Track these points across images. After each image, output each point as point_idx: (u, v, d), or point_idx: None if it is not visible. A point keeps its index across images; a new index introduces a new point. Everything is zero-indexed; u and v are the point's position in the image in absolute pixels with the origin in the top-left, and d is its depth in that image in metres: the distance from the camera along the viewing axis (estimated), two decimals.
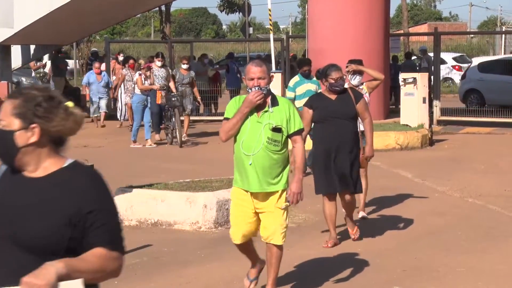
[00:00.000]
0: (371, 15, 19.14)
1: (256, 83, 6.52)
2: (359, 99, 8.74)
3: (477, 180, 13.30)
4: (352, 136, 8.71)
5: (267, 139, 6.53)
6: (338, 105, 8.66)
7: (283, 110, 6.60)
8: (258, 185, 6.62)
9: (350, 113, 8.66)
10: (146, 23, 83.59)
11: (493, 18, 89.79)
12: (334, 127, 8.61)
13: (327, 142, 8.64)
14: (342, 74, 8.75)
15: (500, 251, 8.78)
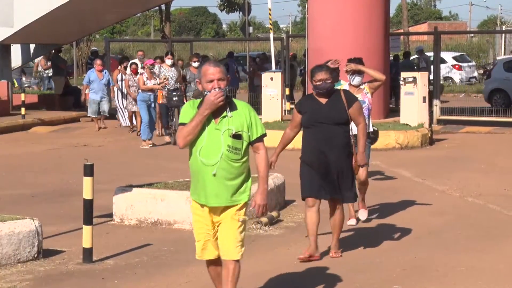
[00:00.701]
0: (371, 14, 19.13)
1: (216, 84, 5.93)
2: (352, 102, 8.22)
3: (477, 179, 13.30)
4: (344, 142, 8.18)
5: (227, 147, 5.92)
6: (327, 109, 8.16)
7: (243, 115, 6.00)
8: (216, 199, 5.99)
9: (340, 118, 8.15)
10: (146, 22, 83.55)
11: (493, 17, 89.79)
12: (322, 133, 8.12)
13: (315, 149, 8.14)
14: (328, 76, 8.14)
15: (500, 251, 8.79)
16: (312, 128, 8.17)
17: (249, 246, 8.95)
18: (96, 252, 8.29)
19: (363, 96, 9.80)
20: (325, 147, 8.10)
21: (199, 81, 6.03)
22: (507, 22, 69.72)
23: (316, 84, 8.15)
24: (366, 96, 9.84)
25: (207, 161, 5.92)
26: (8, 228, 8.11)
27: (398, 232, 9.65)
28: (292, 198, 11.20)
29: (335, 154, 8.11)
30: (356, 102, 8.27)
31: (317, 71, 8.19)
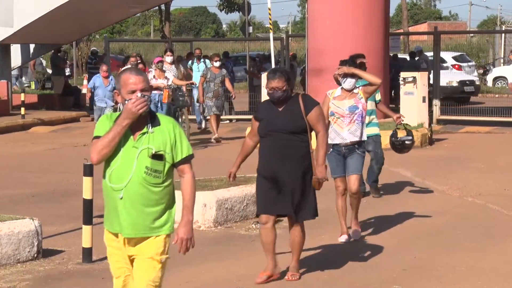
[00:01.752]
0: (370, 14, 19.12)
1: (140, 93, 5.09)
2: (310, 108, 7.39)
3: (476, 179, 13.30)
4: (301, 153, 7.39)
5: (145, 168, 5.08)
6: (283, 117, 7.39)
7: (166, 132, 5.14)
8: (131, 228, 5.10)
9: (296, 126, 7.35)
10: (145, 22, 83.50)
11: (492, 17, 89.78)
12: (278, 143, 7.37)
13: (269, 160, 7.40)
14: (281, 84, 7.32)
15: (499, 250, 8.79)
16: (267, 138, 7.44)
17: (249, 246, 8.97)
18: (96, 252, 8.29)
19: (356, 101, 9.04)
20: (280, 158, 7.36)
21: (118, 92, 5.19)
22: (507, 22, 69.70)
23: (268, 92, 7.43)
24: (360, 102, 9.05)
25: (120, 184, 5.08)
26: (7, 228, 8.11)
27: (398, 232, 9.65)
28: None
29: (291, 166, 7.37)
30: (315, 108, 7.43)
31: (270, 77, 7.40)
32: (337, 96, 9.15)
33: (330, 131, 8.83)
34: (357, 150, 9.04)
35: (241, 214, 10.05)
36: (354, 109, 8.99)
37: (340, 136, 9.04)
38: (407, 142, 10.85)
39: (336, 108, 9.06)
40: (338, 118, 9.03)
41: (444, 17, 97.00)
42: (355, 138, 8.99)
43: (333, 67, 18.85)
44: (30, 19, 23.88)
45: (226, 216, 9.85)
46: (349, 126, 8.99)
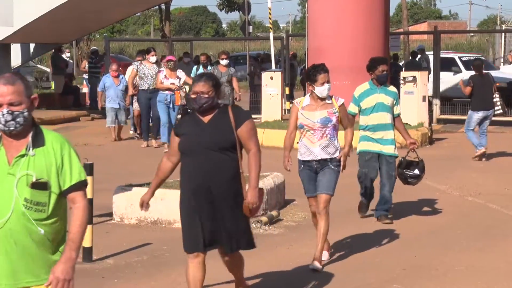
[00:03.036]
0: (371, 13, 19.13)
1: (6, 109, 4.25)
2: (241, 121, 6.21)
3: (476, 178, 13.31)
4: (231, 174, 6.21)
5: (23, 201, 4.13)
6: (208, 131, 6.21)
7: (51, 153, 4.24)
8: (10, 276, 4.17)
9: (224, 141, 6.19)
10: (146, 21, 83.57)
11: (493, 16, 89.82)
12: (202, 162, 6.19)
13: (193, 183, 6.22)
14: (206, 88, 6.21)
15: (499, 250, 8.79)
16: (190, 156, 6.24)
17: None
18: (96, 252, 8.29)
19: (329, 113, 7.95)
20: (206, 180, 6.18)
21: None
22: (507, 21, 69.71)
23: (191, 97, 6.32)
24: (334, 115, 7.94)
25: None
26: None
27: (397, 231, 9.65)
28: (292, 198, 11.21)
29: (219, 189, 6.20)
30: (247, 121, 6.24)
31: (196, 80, 6.38)
32: (307, 106, 8.02)
33: (300, 146, 8.02)
34: (330, 165, 7.97)
35: None
36: (327, 121, 7.91)
37: (310, 152, 7.99)
38: (410, 180, 10.23)
39: (306, 120, 7.97)
40: (308, 131, 7.97)
41: (444, 17, 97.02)
42: (327, 155, 7.95)
43: (333, 67, 18.94)
44: (30, 19, 23.87)
45: None
46: (320, 141, 7.93)
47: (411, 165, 10.18)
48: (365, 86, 9.95)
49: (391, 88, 9.98)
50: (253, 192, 6.25)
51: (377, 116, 9.79)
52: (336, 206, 11.02)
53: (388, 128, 9.80)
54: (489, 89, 15.17)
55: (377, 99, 9.78)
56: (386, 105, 9.79)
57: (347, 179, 12.09)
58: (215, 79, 6.36)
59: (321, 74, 8.04)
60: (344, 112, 8.12)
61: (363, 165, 9.90)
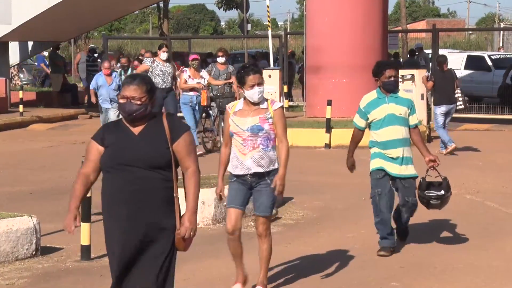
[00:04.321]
0: (369, 11, 19.14)
1: None
2: (178, 134, 5.19)
3: (475, 176, 13.30)
4: (163, 197, 5.18)
5: None
6: (140, 144, 5.13)
7: None
8: None
9: (158, 158, 5.14)
10: (144, 19, 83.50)
11: (491, 14, 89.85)
12: (130, 182, 5.10)
13: (118, 208, 5.14)
14: (139, 93, 5.14)
15: (497, 248, 8.80)
16: (113, 174, 5.15)
17: (248, 244, 8.96)
18: (94, 250, 8.29)
19: (261, 120, 6.86)
20: (133, 204, 5.13)
21: None
22: (505, 19, 69.75)
23: (120, 103, 5.21)
24: (266, 121, 6.86)
25: None
26: (6, 225, 8.11)
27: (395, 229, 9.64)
28: (290, 196, 11.20)
29: (148, 216, 5.14)
30: (185, 134, 5.19)
31: (126, 83, 5.24)
32: (239, 111, 6.95)
33: (232, 158, 6.97)
34: (268, 180, 6.91)
35: None
36: (257, 130, 6.84)
37: (242, 165, 6.90)
38: (432, 203, 8.64)
39: (235, 127, 6.90)
40: (238, 140, 6.92)
41: (443, 15, 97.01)
42: (260, 168, 6.86)
43: (331, 65, 19.00)
44: (28, 17, 23.87)
45: (224, 214, 9.83)
46: (252, 153, 6.85)
47: (433, 186, 8.63)
48: (372, 95, 8.37)
49: (403, 95, 8.44)
50: (191, 216, 5.20)
51: (388, 131, 8.20)
52: (335, 204, 11.03)
53: (402, 144, 8.23)
54: (450, 85, 15.63)
55: (387, 110, 8.23)
56: (399, 117, 8.22)
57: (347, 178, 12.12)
58: (149, 83, 5.23)
59: (250, 76, 6.85)
60: (279, 118, 6.88)
61: (375, 184, 8.28)
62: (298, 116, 20.13)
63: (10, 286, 7.43)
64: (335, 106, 17.45)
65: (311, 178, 13.04)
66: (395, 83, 8.33)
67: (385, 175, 8.23)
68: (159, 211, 5.18)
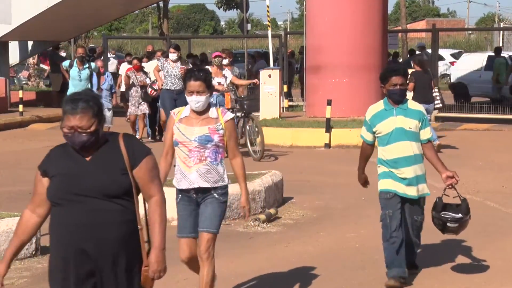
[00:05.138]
0: (369, 11, 19.14)
1: None
2: (138, 158, 4.47)
3: (475, 176, 13.31)
4: (124, 232, 4.39)
5: None
6: (91, 172, 4.38)
7: None
8: None
9: (115, 186, 4.39)
10: (144, 19, 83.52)
11: (491, 14, 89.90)
12: (83, 215, 4.34)
13: (70, 246, 4.37)
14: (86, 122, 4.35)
15: (497, 247, 8.80)
16: (63, 207, 4.40)
17: (248, 243, 8.97)
18: None
19: (211, 130, 6.25)
20: (87, 240, 4.36)
21: None
22: (505, 19, 69.76)
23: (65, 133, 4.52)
24: (217, 133, 6.25)
25: None
26: (6, 225, 8.12)
27: None
28: (290, 195, 11.21)
29: (104, 255, 4.39)
30: (147, 158, 4.50)
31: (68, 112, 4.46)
32: (185, 118, 6.32)
33: (176, 171, 6.32)
34: (214, 194, 6.31)
35: (239, 211, 10.05)
36: (206, 141, 6.22)
37: (187, 178, 6.27)
38: (449, 225, 7.59)
39: (181, 137, 6.27)
40: (184, 151, 6.28)
41: (443, 14, 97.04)
42: (206, 183, 6.25)
43: (331, 64, 19.00)
44: (28, 16, 23.89)
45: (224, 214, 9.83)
46: (198, 166, 6.23)
47: (450, 207, 7.66)
48: (378, 106, 7.44)
49: (413, 105, 7.42)
50: (159, 255, 4.43)
51: (397, 147, 7.29)
52: (335, 204, 11.04)
53: (414, 162, 7.33)
54: (427, 85, 15.92)
55: (395, 123, 7.29)
56: (408, 131, 7.27)
57: (347, 178, 12.12)
58: (95, 103, 4.39)
59: (190, 81, 6.24)
60: (232, 131, 6.33)
61: (385, 205, 7.44)
62: (298, 116, 20.14)
63: (10, 285, 7.43)
64: (335, 106, 17.45)
65: (311, 178, 13.04)
66: (400, 92, 7.27)
67: (395, 195, 7.36)
68: (119, 244, 4.38)
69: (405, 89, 7.33)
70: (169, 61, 15.79)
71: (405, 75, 7.38)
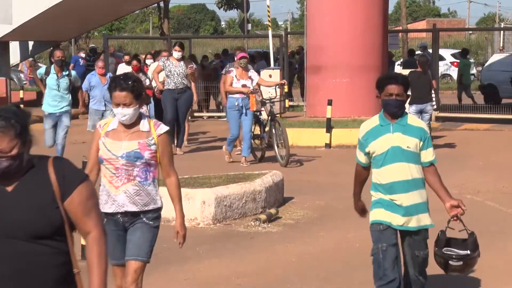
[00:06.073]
0: (369, 11, 19.14)
1: None
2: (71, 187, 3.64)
3: (475, 176, 13.31)
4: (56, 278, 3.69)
5: None
6: (13, 206, 3.56)
7: None
8: None
9: (41, 224, 3.56)
10: (144, 19, 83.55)
11: (491, 14, 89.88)
12: (5, 261, 3.52)
13: None
14: (9, 143, 3.64)
15: (497, 248, 8.79)
16: None
17: (248, 243, 8.97)
18: None
19: (141, 146, 5.51)
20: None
21: None
22: (506, 19, 69.74)
23: None
24: (148, 148, 5.51)
25: None
26: None
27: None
28: (291, 195, 11.21)
29: None
30: (80, 187, 3.63)
31: None
32: (112, 132, 5.57)
33: (101, 191, 5.59)
34: (144, 219, 5.61)
35: (240, 211, 10.06)
36: (134, 158, 5.49)
37: (113, 200, 5.55)
38: (452, 264, 6.36)
39: (106, 153, 5.52)
40: (109, 169, 5.54)
41: (443, 14, 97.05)
42: (134, 206, 5.54)
43: (331, 64, 18.99)
44: (29, 16, 23.90)
45: (225, 213, 9.85)
46: (125, 186, 5.51)
47: (455, 243, 6.47)
48: (373, 121, 6.25)
49: (414, 121, 6.19)
50: None
51: (392, 170, 6.08)
52: (335, 204, 11.04)
53: (412, 187, 6.11)
54: (425, 85, 15.86)
55: (391, 141, 6.08)
56: (406, 151, 6.06)
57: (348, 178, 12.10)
58: (19, 121, 3.75)
59: (116, 92, 5.48)
60: (166, 146, 5.60)
61: (378, 238, 6.18)
62: (298, 116, 20.14)
63: None
64: (336, 106, 17.46)
65: (311, 178, 13.04)
66: (396, 103, 6.07)
67: (389, 226, 6.17)
68: None
69: (402, 100, 6.10)
70: (172, 60, 15.36)
71: (404, 84, 6.15)
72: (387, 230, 6.16)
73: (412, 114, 6.52)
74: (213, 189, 9.95)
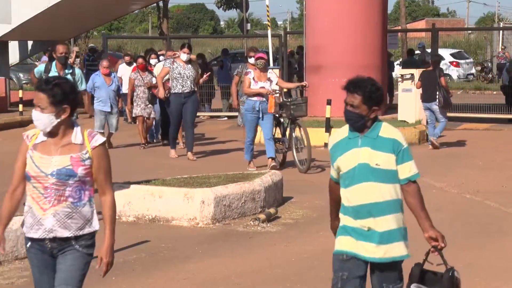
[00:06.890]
0: (369, 11, 19.15)
1: None
2: None
3: (474, 176, 13.31)
4: None
5: None
6: None
7: None
8: None
9: None
10: (144, 19, 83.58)
11: (490, 14, 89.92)
12: None
13: None
14: None
15: (497, 247, 8.80)
16: None
17: (247, 243, 8.98)
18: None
19: (73, 161, 4.84)
20: None
21: None
22: (505, 19, 69.77)
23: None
24: (81, 164, 4.84)
25: None
26: None
27: None
28: (290, 195, 11.21)
29: None
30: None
31: None
32: (40, 144, 4.95)
33: (26, 213, 5.01)
34: (76, 246, 4.89)
35: (239, 211, 10.06)
36: (66, 176, 4.83)
37: (40, 224, 4.88)
38: None
39: (34, 169, 4.94)
40: (37, 188, 4.92)
41: (442, 14, 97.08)
42: (65, 231, 4.85)
43: (331, 64, 18.99)
44: (28, 16, 23.90)
45: (224, 213, 9.86)
46: (55, 209, 4.83)
47: (429, 278, 5.62)
48: (342, 132, 5.33)
49: (386, 132, 5.20)
50: None
51: (360, 190, 5.20)
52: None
53: (385, 211, 5.22)
54: (432, 84, 16.34)
55: (358, 157, 5.17)
56: (376, 169, 5.11)
57: None
58: None
59: (37, 92, 4.91)
60: (102, 159, 4.92)
61: (340, 267, 5.48)
62: None
63: (10, 285, 7.43)
64: (335, 106, 17.42)
65: (311, 178, 13.03)
66: (349, 115, 5.10)
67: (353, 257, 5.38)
68: None
69: (358, 114, 5.06)
70: (179, 62, 14.59)
71: (364, 94, 5.05)
72: (351, 261, 5.34)
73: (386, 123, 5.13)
74: (212, 188, 9.95)
